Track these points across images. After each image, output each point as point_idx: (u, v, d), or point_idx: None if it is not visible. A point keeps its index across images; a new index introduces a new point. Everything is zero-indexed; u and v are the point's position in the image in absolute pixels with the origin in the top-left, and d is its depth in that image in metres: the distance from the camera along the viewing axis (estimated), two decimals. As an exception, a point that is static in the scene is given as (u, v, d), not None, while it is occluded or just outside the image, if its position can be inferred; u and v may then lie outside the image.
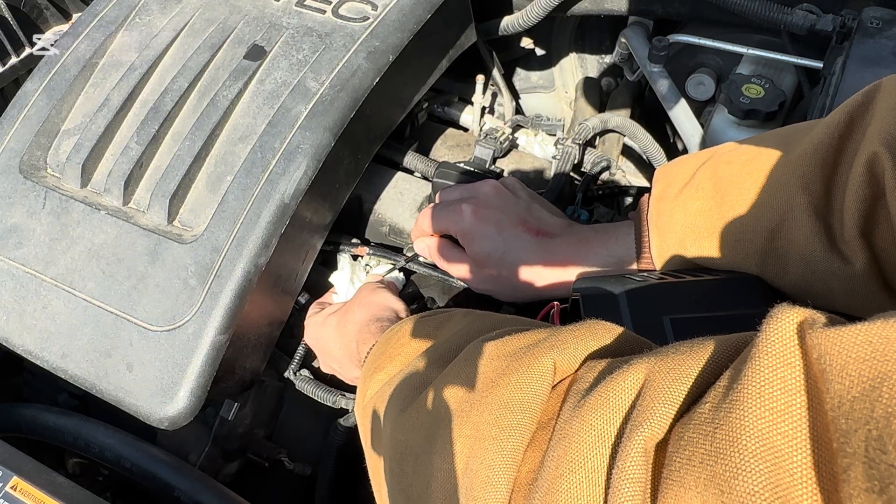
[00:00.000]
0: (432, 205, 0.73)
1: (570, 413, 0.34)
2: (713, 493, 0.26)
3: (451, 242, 0.72)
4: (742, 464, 0.26)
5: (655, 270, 0.60)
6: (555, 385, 0.38)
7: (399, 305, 0.69)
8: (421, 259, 0.79)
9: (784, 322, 0.28)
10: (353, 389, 0.75)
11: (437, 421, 0.42)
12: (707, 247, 0.56)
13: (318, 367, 0.80)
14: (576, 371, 0.39)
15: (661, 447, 0.30)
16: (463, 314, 0.54)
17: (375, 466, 0.50)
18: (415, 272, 0.81)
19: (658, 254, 0.59)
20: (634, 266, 0.62)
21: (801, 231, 0.51)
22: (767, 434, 0.26)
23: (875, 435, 0.23)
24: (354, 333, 0.66)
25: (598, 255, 0.64)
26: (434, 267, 0.80)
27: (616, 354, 0.39)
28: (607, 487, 0.31)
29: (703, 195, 0.57)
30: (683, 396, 0.31)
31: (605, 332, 0.40)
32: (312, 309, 0.77)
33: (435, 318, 0.55)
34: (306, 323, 0.76)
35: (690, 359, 0.32)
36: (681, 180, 0.59)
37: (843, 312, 0.51)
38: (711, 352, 0.32)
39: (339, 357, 0.69)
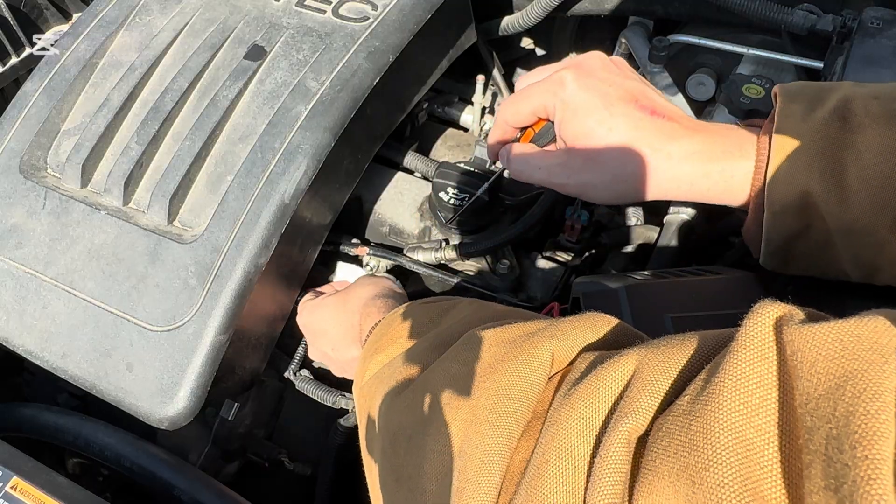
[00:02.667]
0: (516, 92, 0.61)
1: (560, 401, 0.35)
2: (685, 483, 0.27)
3: (533, 146, 0.61)
4: (714, 455, 0.26)
5: (656, 271, 0.60)
6: (552, 376, 0.38)
7: (402, 291, 0.70)
8: (420, 259, 0.79)
9: (763, 317, 0.28)
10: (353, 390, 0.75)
11: (433, 403, 0.42)
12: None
13: (319, 368, 0.80)
14: (572, 361, 0.39)
15: (645, 438, 0.31)
16: (468, 303, 0.54)
17: (369, 446, 0.50)
18: (414, 272, 0.81)
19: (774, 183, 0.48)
20: (745, 196, 0.52)
21: None
22: (740, 427, 0.26)
23: (834, 434, 0.23)
24: (359, 307, 0.65)
25: (711, 174, 0.52)
26: (434, 267, 0.80)
27: (613, 346, 0.39)
28: (589, 475, 0.31)
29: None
30: (668, 389, 0.31)
31: (604, 324, 0.40)
32: (307, 295, 0.76)
33: (440, 304, 0.55)
34: (299, 307, 0.75)
35: (679, 351, 0.33)
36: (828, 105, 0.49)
37: None
38: (697, 345, 0.33)
39: (334, 336, 0.68)
